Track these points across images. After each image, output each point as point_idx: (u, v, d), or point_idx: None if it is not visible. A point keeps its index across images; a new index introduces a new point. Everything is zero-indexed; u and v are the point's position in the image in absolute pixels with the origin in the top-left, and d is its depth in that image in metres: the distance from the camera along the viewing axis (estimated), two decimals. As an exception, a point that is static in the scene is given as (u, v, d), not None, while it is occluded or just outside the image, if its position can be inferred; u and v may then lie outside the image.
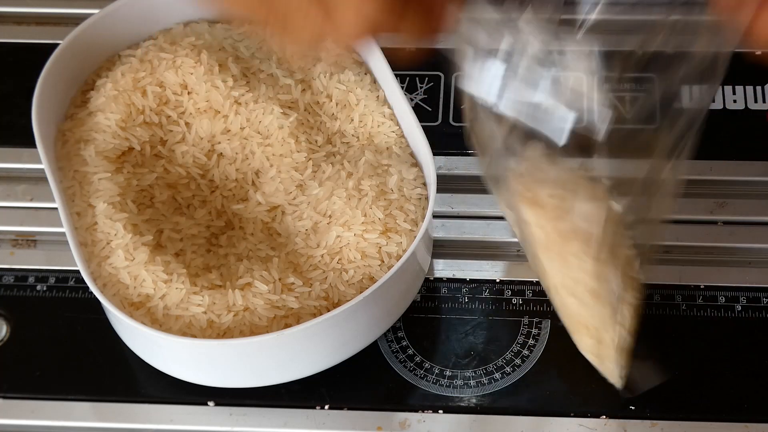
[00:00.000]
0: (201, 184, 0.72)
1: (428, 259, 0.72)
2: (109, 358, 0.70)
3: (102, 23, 0.75)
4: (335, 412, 0.68)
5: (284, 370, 0.67)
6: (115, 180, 0.69)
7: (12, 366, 0.70)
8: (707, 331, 0.69)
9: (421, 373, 0.69)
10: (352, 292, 0.66)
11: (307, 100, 0.74)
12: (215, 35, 0.75)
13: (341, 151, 0.72)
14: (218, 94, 0.72)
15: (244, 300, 0.66)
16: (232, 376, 0.67)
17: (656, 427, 0.66)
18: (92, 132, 0.71)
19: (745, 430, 0.66)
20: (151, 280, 0.66)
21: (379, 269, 0.67)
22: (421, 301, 0.71)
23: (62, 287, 0.73)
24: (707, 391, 0.67)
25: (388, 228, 0.68)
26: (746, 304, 0.70)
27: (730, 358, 0.69)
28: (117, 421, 0.68)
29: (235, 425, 0.68)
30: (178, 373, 0.68)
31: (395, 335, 0.70)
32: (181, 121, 0.73)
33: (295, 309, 0.66)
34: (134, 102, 0.72)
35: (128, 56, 0.75)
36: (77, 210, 0.69)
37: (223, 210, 0.72)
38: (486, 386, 0.68)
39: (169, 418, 0.68)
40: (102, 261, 0.67)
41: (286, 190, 0.71)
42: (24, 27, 0.86)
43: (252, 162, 0.72)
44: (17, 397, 0.69)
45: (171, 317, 0.66)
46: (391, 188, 0.69)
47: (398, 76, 0.72)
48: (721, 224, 0.74)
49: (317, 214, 0.69)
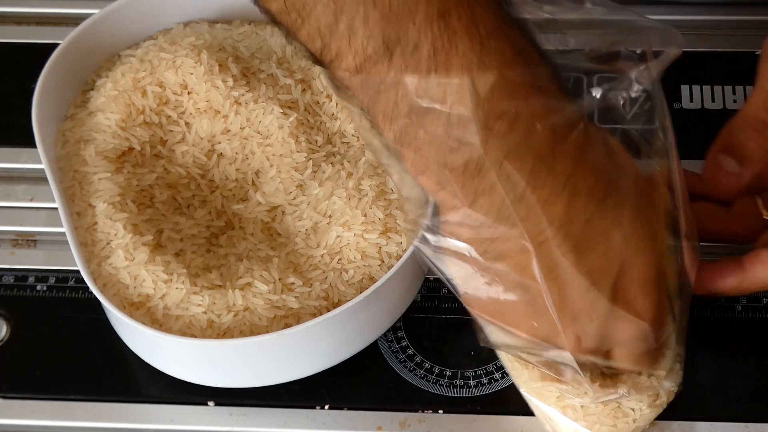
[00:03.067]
0: (201, 184, 0.72)
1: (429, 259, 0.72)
2: (109, 358, 0.70)
3: (102, 23, 0.75)
4: (335, 412, 0.68)
5: (284, 370, 0.67)
6: (115, 180, 0.69)
7: (12, 366, 0.70)
8: (707, 331, 0.69)
9: (421, 373, 0.69)
10: (352, 292, 0.66)
11: (307, 100, 0.74)
12: (215, 35, 0.75)
13: (341, 151, 0.72)
14: (218, 94, 0.72)
15: (244, 300, 0.66)
16: (232, 376, 0.67)
17: (656, 427, 0.66)
18: (92, 132, 0.71)
19: (745, 430, 0.66)
20: (151, 280, 0.66)
21: (379, 269, 0.67)
22: (421, 301, 0.71)
23: (62, 287, 0.73)
24: (707, 391, 0.67)
25: (388, 228, 0.68)
26: (746, 304, 0.70)
27: (729, 358, 0.68)
28: (117, 421, 0.68)
29: (235, 425, 0.68)
30: (178, 373, 0.68)
31: (395, 335, 0.70)
32: (181, 121, 0.73)
33: (295, 309, 0.66)
34: (134, 102, 0.72)
35: (128, 56, 0.75)
36: (77, 210, 0.69)
37: (223, 210, 0.72)
38: (486, 386, 0.68)
39: (169, 418, 0.68)
40: (102, 261, 0.67)
41: (286, 190, 0.71)
42: (24, 27, 0.86)
43: (252, 162, 0.72)
44: (17, 397, 0.69)
45: (171, 317, 0.66)
46: (391, 188, 0.69)
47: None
48: (721, 224, 0.74)
49: (317, 214, 0.69)
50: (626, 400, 0.64)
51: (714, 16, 0.83)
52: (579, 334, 0.59)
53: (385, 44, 0.53)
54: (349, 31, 0.53)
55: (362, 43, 0.53)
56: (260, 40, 0.76)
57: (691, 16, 0.83)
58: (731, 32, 0.82)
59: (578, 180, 0.56)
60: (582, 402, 0.63)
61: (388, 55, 0.53)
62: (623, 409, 0.64)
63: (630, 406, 0.64)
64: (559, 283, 0.58)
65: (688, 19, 0.82)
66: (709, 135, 0.69)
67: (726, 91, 0.79)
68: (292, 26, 0.55)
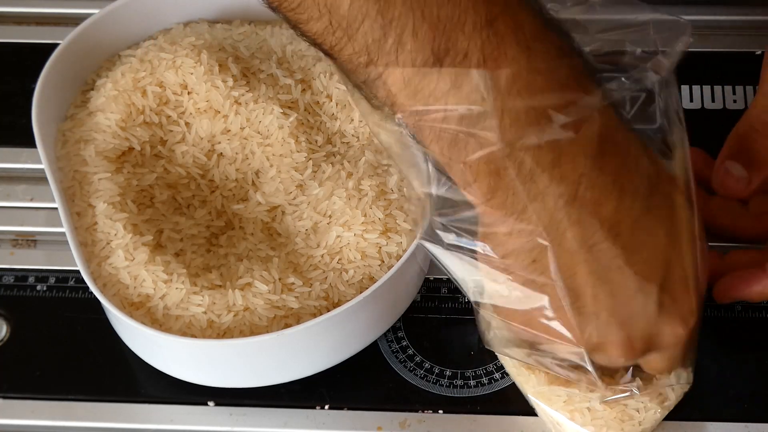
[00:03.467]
0: (201, 184, 0.72)
1: (428, 259, 0.72)
2: (109, 358, 0.70)
3: (102, 23, 0.75)
4: (335, 412, 0.68)
5: (284, 370, 0.67)
6: (115, 180, 0.69)
7: (12, 366, 0.70)
8: (707, 331, 0.69)
9: (421, 373, 0.69)
10: (352, 292, 0.66)
11: (307, 100, 0.74)
12: (215, 35, 0.75)
13: (341, 151, 0.72)
14: (218, 94, 0.72)
15: (244, 300, 0.66)
16: (232, 376, 0.67)
17: (657, 427, 0.66)
18: (92, 132, 0.71)
19: (745, 430, 0.66)
20: (151, 280, 0.66)
21: (379, 269, 0.67)
22: (421, 301, 0.71)
23: (62, 287, 0.73)
24: (707, 391, 0.67)
25: (388, 228, 0.68)
26: (746, 304, 0.70)
27: (729, 358, 0.68)
28: (117, 421, 0.68)
29: (235, 425, 0.68)
30: (178, 373, 0.68)
31: (395, 335, 0.70)
32: (181, 121, 0.73)
33: (295, 309, 0.66)
34: (134, 102, 0.72)
35: (128, 56, 0.75)
36: (77, 210, 0.69)
37: (223, 210, 0.72)
38: (486, 386, 0.68)
39: (169, 418, 0.68)
40: (102, 261, 0.67)
41: (286, 190, 0.71)
42: (24, 27, 0.85)
43: (252, 162, 0.72)
44: (17, 397, 0.69)
45: (171, 317, 0.66)
46: (391, 188, 0.69)
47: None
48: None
49: (317, 214, 0.69)
50: (633, 402, 0.64)
51: (714, 16, 0.83)
52: (631, 337, 0.59)
53: (435, 55, 0.52)
54: (397, 45, 0.52)
55: (411, 56, 0.52)
56: (260, 40, 0.76)
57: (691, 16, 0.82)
58: (731, 32, 0.82)
59: (625, 179, 0.56)
60: (590, 404, 0.63)
61: (438, 66, 0.53)
62: (630, 412, 0.64)
63: (637, 408, 0.64)
64: (610, 287, 0.57)
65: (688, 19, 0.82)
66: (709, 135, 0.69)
67: (726, 91, 0.79)
68: (337, 45, 0.53)
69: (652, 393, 0.64)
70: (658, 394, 0.64)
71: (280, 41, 0.76)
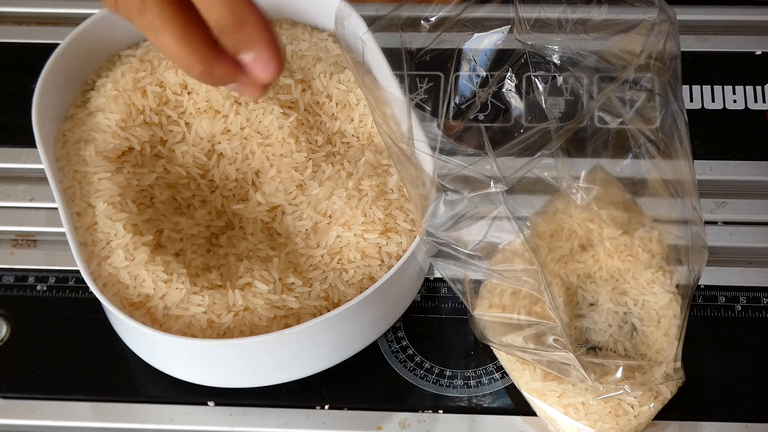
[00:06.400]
0: (201, 184, 0.72)
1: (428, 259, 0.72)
2: (109, 358, 0.70)
3: (102, 23, 0.75)
4: (335, 412, 0.68)
5: (284, 370, 0.67)
6: (115, 180, 0.69)
7: (12, 366, 0.70)
8: (707, 331, 0.69)
9: (421, 373, 0.69)
10: (352, 292, 0.66)
11: (307, 100, 0.74)
12: (215, 35, 0.75)
13: (341, 151, 0.72)
14: (218, 94, 0.72)
15: (244, 300, 0.66)
16: (232, 376, 0.67)
17: (656, 427, 0.66)
18: (92, 132, 0.71)
19: (745, 430, 0.66)
20: (151, 280, 0.66)
21: (379, 269, 0.67)
22: (421, 301, 0.72)
23: (62, 287, 0.73)
24: (707, 391, 0.67)
25: (388, 228, 0.68)
26: (746, 304, 0.70)
27: (730, 358, 0.69)
28: (117, 421, 0.68)
29: (235, 425, 0.68)
30: (178, 373, 0.68)
31: (395, 335, 0.70)
32: (181, 121, 0.73)
33: (295, 309, 0.66)
34: (134, 102, 0.72)
35: (128, 56, 0.75)
36: (77, 210, 0.69)
37: (223, 210, 0.72)
38: (486, 386, 0.68)
39: (169, 418, 0.68)
40: (102, 261, 0.67)
41: (286, 190, 0.71)
42: (24, 27, 0.86)
43: (252, 162, 0.72)
44: (17, 397, 0.69)
45: (171, 317, 0.66)
46: (391, 188, 0.69)
47: (398, 76, 0.72)
48: (721, 224, 0.74)
49: (317, 214, 0.69)
50: (628, 397, 0.64)
51: (714, 16, 0.83)
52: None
53: None
54: None
55: None
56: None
57: (692, 16, 0.83)
58: (731, 32, 0.82)
59: None
60: (584, 399, 0.64)
61: None
62: (624, 407, 0.64)
63: (631, 403, 0.64)
64: None
65: (689, 19, 0.82)
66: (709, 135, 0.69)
67: (726, 91, 0.79)
68: None
69: (645, 388, 0.64)
70: (651, 389, 0.64)
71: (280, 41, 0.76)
